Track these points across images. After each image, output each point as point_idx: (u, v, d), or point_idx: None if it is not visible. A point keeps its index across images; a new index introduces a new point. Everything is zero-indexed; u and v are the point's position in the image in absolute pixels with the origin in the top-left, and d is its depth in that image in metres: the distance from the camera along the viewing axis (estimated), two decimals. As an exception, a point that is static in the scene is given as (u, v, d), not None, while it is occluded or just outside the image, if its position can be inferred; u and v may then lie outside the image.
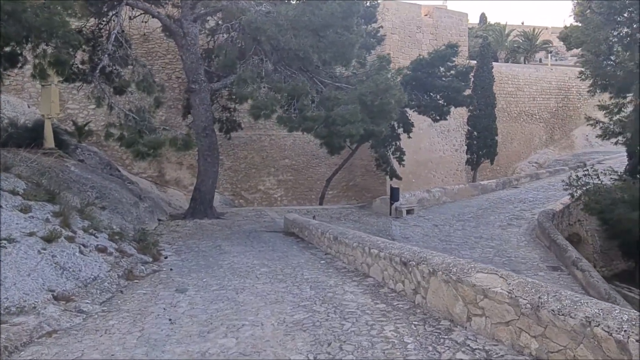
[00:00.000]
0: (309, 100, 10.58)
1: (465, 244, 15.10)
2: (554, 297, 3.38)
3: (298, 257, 8.41)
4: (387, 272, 5.82)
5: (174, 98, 20.80)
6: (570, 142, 41.12)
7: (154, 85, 10.84)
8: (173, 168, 21.12)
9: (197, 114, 13.71)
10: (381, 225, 17.79)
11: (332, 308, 5.14)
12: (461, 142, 29.00)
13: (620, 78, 9.82)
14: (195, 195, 14.68)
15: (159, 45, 21.05)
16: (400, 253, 5.49)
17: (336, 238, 7.90)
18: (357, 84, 11.24)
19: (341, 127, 10.28)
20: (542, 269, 12.83)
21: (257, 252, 8.97)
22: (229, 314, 5.11)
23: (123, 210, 11.65)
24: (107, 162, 17.52)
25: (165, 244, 9.86)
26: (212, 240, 10.70)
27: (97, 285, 5.86)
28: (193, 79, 13.41)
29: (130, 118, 10.07)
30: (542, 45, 53.13)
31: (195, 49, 13.25)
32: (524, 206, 20.29)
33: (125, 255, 7.17)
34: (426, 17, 27.30)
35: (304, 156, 24.61)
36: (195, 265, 7.81)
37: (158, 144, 9.87)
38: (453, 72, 20.32)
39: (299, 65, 11.21)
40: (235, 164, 22.67)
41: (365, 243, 6.71)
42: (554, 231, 14.77)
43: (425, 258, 4.97)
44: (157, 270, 7.23)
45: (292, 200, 24.37)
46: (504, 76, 34.65)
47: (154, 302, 5.62)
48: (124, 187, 14.19)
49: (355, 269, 6.99)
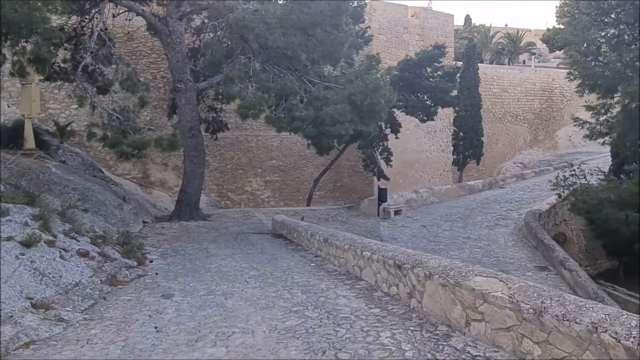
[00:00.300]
0: (298, 100, 10.40)
1: (453, 245, 15.09)
2: (558, 301, 3.26)
3: (287, 259, 8.22)
4: (380, 275, 5.68)
5: (159, 98, 20.45)
6: (554, 142, 41.67)
7: (139, 84, 10.53)
8: (158, 169, 20.76)
9: (182, 114, 13.44)
10: (369, 226, 17.69)
11: (325, 313, 4.98)
12: (447, 142, 29.14)
13: (608, 78, 9.86)
14: (181, 196, 14.40)
15: (144, 44, 20.69)
16: (394, 256, 5.35)
17: (326, 240, 7.74)
18: (346, 83, 11.09)
19: (330, 127, 10.12)
20: (530, 269, 12.86)
21: (245, 255, 8.77)
22: (217, 320, 4.91)
23: (106, 212, 11.34)
24: (90, 163, 17.11)
25: (150, 247, 9.59)
26: (199, 242, 10.46)
27: (79, 292, 5.61)
28: (179, 78, 13.13)
29: (114, 118, 9.76)
30: (526, 47, 53.81)
31: (180, 48, 12.98)
32: (510, 206, 20.38)
33: (109, 259, 6.91)
34: (413, 18, 27.38)
35: (291, 157, 24.44)
36: (182, 269, 7.57)
37: (143, 144, 9.59)
38: (440, 73, 20.35)
39: (287, 64, 11.03)
40: (221, 164, 22.39)
41: (357, 245, 6.57)
42: (541, 231, 14.84)
43: (420, 261, 4.83)
44: (142, 274, 6.98)
45: (280, 201, 24.18)
46: (490, 77, 34.94)
47: (138, 308, 5.39)
48: (107, 189, 13.85)
49: (346, 272, 6.84)
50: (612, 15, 9.92)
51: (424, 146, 28.51)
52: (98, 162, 18.44)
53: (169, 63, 13.57)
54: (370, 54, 12.57)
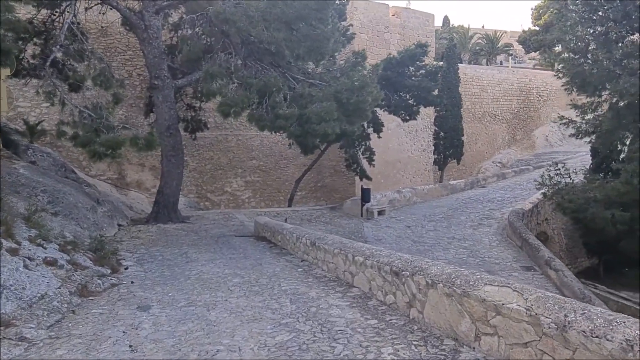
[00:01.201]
0: (281, 97, 9.93)
1: (438, 245, 14.91)
2: (583, 315, 2.94)
3: (273, 264, 7.77)
4: (375, 282, 5.30)
5: (136, 96, 19.75)
6: (531, 142, 42.30)
7: (112, 80, 9.89)
8: (134, 170, 20.05)
9: (160, 112, 12.83)
10: (353, 227, 17.39)
11: (318, 326, 4.57)
12: (429, 142, 29.12)
13: (596, 76, 9.76)
14: (159, 198, 13.78)
15: (119, 41, 19.94)
16: (391, 261, 4.98)
17: (314, 244, 7.33)
18: (331, 80, 10.69)
19: (316, 125, 9.70)
20: (516, 269, 12.75)
21: (228, 260, 8.28)
22: (200, 336, 4.45)
23: (78, 216, 10.70)
24: (61, 163, 16.33)
25: (125, 253, 9.03)
26: (178, 247, 9.92)
27: (44, 305, 5.07)
28: (155, 75, 12.52)
29: (86, 115, 9.13)
30: (503, 47, 54.51)
31: (157, 43, 12.38)
32: (492, 205, 20.38)
33: (79, 267, 6.35)
34: (394, 17, 27.27)
35: (272, 157, 24.01)
36: (160, 276, 7.05)
37: (117, 143, 8.98)
38: (423, 72, 20.18)
39: (270, 60, 10.54)
40: (200, 165, 21.79)
41: (347, 250, 6.18)
42: (525, 231, 14.79)
43: (420, 267, 4.48)
44: (116, 283, 6.44)
45: (260, 202, 23.72)
46: (469, 77, 35.13)
47: (111, 323, 4.89)
48: (79, 191, 13.17)
49: (337, 278, 6.44)
50: (599, 13, 9.82)
51: (405, 146, 28.42)
52: (71, 163, 17.65)
53: (146, 59, 12.95)
54: (355, 50, 12.21)
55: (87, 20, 16.61)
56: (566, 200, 12.21)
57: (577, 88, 10.54)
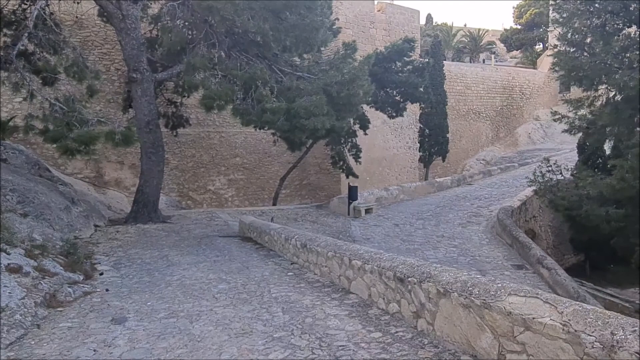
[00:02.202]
0: (268, 90, 9.37)
1: (427, 244, 14.63)
2: (633, 332, 2.53)
3: (261, 268, 7.23)
4: (375, 289, 4.83)
5: (114, 92, 18.92)
6: (514, 139, 42.64)
7: (86, 71, 9.19)
8: (113, 168, 19.26)
9: (139, 107, 12.13)
10: (340, 226, 16.99)
11: (317, 340, 4.07)
12: (414, 139, 28.93)
13: (593, 70, 9.49)
14: (138, 197, 13.10)
15: (96, 34, 19.08)
16: (394, 266, 4.51)
17: (305, 246, 6.83)
18: (320, 73, 10.17)
19: (305, 120, 9.16)
20: (507, 267, 12.55)
21: (212, 263, 7.71)
22: (182, 354, 3.91)
23: (51, 216, 10.02)
24: (35, 161, 15.49)
25: (101, 256, 8.40)
26: (158, 249, 9.31)
27: (5, 320, 4.46)
28: (134, 67, 11.83)
29: (57, 108, 8.42)
30: (486, 45, 54.80)
31: (136, 34, 11.68)
32: (480, 203, 20.24)
33: (48, 274, 5.73)
34: (379, 13, 27.00)
35: (256, 154, 23.44)
36: (138, 282, 6.45)
37: (90, 138, 8.28)
38: (410, 68, 19.81)
39: (255, 51, 9.96)
40: (182, 162, 21.08)
41: (343, 252, 5.69)
42: (515, 229, 14.63)
43: (429, 274, 4.02)
44: (90, 291, 5.83)
45: (244, 200, 23.15)
46: (453, 75, 35.09)
47: (81, 340, 4.31)
48: (53, 190, 12.43)
49: (331, 283, 5.95)
50: (596, 5, 9.55)
51: (391, 143, 28.18)
52: (46, 161, 16.80)
53: (124, 51, 12.25)
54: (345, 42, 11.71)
55: (62, 12, 15.78)
56: (559, 198, 11.96)
57: (574, 81, 10.28)
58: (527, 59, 52.35)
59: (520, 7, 60.80)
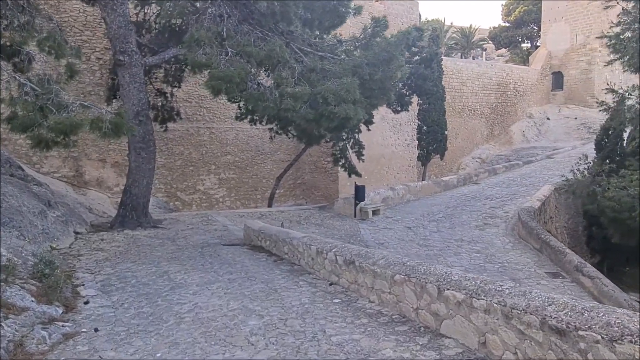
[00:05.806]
0: (288, 71, 7.79)
1: (447, 249, 13.39)
2: None
3: (292, 290, 5.69)
4: (497, 338, 3.31)
5: (95, 83, 17.10)
6: (509, 137, 42.05)
7: (64, 46, 7.42)
8: (94, 166, 17.44)
9: (127, 95, 10.45)
10: (348, 229, 15.61)
11: None
12: (412, 136, 27.70)
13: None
14: (126, 198, 11.41)
15: (75, 19, 17.21)
16: (538, 306, 3.01)
17: (352, 263, 5.33)
18: (343, 54, 8.64)
19: (334, 107, 7.58)
20: (542, 276, 11.38)
21: (227, 283, 6.15)
22: None
23: (22, 223, 8.34)
24: (6, 159, 13.65)
25: (85, 273, 6.79)
26: (154, 262, 7.70)
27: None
28: (121, 49, 10.15)
29: (28, 89, 6.65)
30: (478, 42, 54.14)
31: (123, 9, 10.00)
32: (492, 203, 19.20)
33: (13, 311, 4.12)
34: (377, 4, 25.74)
35: (248, 152, 21.88)
36: (137, 316, 4.83)
37: (71, 126, 6.49)
38: (418, 59, 18.52)
39: (272, 25, 8.36)
40: (169, 160, 19.37)
41: (423, 277, 4.18)
42: (543, 232, 13.57)
43: (623, 325, 2.58)
44: (72, 333, 4.20)
45: (236, 201, 21.59)
46: (450, 71, 34.05)
47: None
48: (26, 191, 10.71)
49: (401, 315, 4.44)
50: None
51: (389, 140, 26.90)
52: (19, 159, 14.94)
53: (109, 30, 10.54)
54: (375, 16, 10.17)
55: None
56: (606, 199, 10.76)
57: (635, 69, 9.10)
58: (518, 56, 51.86)
59: (509, 5, 60.50)
